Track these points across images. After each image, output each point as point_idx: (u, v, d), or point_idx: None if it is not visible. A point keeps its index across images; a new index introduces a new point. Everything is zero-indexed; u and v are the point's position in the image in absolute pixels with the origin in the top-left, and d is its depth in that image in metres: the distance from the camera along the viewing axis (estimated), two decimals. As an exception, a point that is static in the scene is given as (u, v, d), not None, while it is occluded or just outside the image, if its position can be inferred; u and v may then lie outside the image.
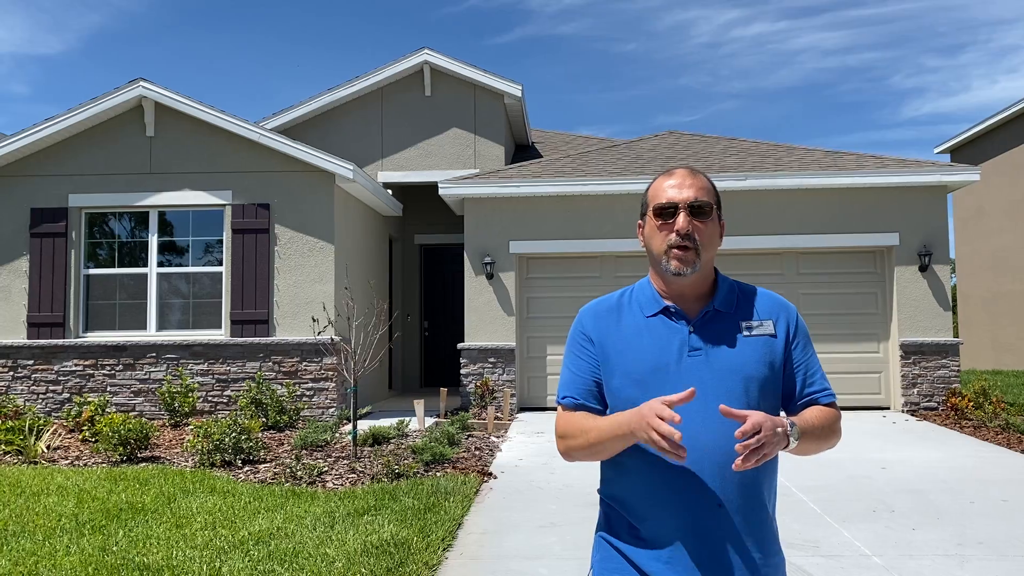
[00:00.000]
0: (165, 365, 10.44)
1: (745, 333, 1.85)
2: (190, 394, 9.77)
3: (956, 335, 18.65)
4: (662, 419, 1.60)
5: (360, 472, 6.98)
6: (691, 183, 1.85)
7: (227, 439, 7.37)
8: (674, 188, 1.84)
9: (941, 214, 11.01)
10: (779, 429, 1.64)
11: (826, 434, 1.84)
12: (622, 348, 1.86)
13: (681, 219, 1.82)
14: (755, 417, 1.61)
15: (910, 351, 10.80)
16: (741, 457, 1.59)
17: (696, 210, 1.83)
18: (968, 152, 19.00)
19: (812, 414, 1.83)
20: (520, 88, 13.16)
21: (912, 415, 10.49)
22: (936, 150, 19.99)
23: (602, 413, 1.89)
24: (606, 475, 1.91)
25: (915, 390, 10.75)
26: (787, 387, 1.88)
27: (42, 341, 10.53)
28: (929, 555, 4.70)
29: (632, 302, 1.92)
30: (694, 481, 1.74)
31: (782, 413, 1.88)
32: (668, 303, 1.87)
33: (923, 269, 10.85)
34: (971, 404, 9.91)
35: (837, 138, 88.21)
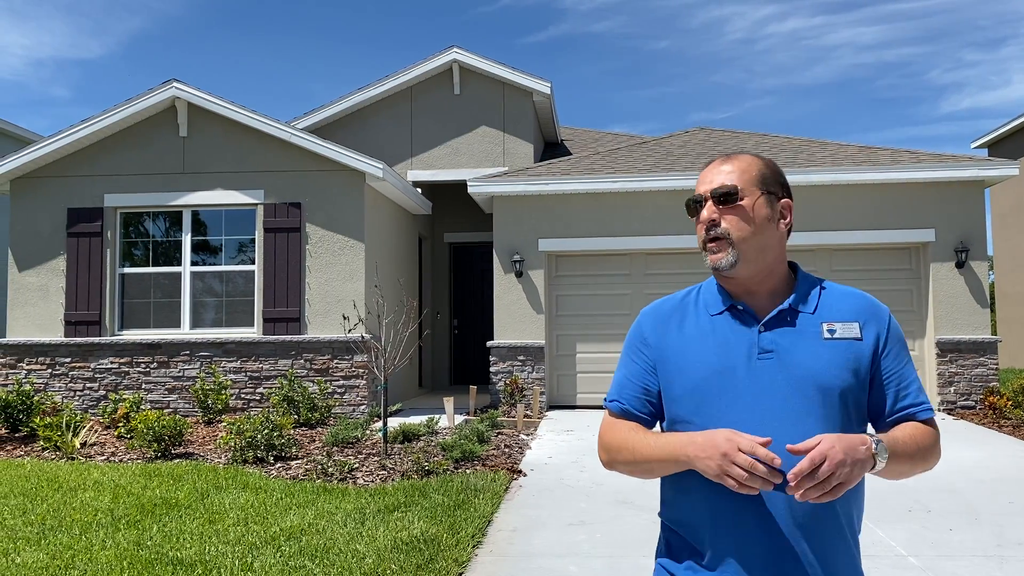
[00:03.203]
0: (198, 363, 10.57)
1: (826, 335, 1.65)
2: (223, 391, 9.87)
3: (994, 333, 18.31)
4: (743, 452, 1.47)
5: (390, 469, 7.01)
6: (720, 169, 1.71)
7: (259, 436, 7.44)
8: (702, 181, 1.72)
9: (978, 210, 10.80)
10: (861, 448, 1.48)
11: (922, 455, 1.63)
12: (684, 351, 1.71)
13: (704, 210, 1.70)
14: (820, 447, 1.45)
15: (946, 349, 10.62)
16: (799, 490, 1.45)
17: (719, 198, 1.67)
18: (1007, 146, 18.62)
19: (905, 431, 1.63)
20: (549, 85, 13.14)
21: (949, 414, 10.31)
22: (973, 144, 19.61)
23: (649, 423, 1.77)
24: (667, 497, 1.77)
25: (952, 388, 10.57)
26: (875, 401, 1.68)
27: (79, 339, 10.71)
28: (967, 556, 4.61)
29: (698, 301, 1.77)
30: (760, 502, 1.58)
31: (869, 428, 1.71)
32: (735, 301, 1.71)
33: (960, 266, 10.66)
34: (1010, 403, 9.71)
35: (873, 134, 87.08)
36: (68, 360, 10.74)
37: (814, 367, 1.62)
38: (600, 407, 11.22)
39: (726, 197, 1.67)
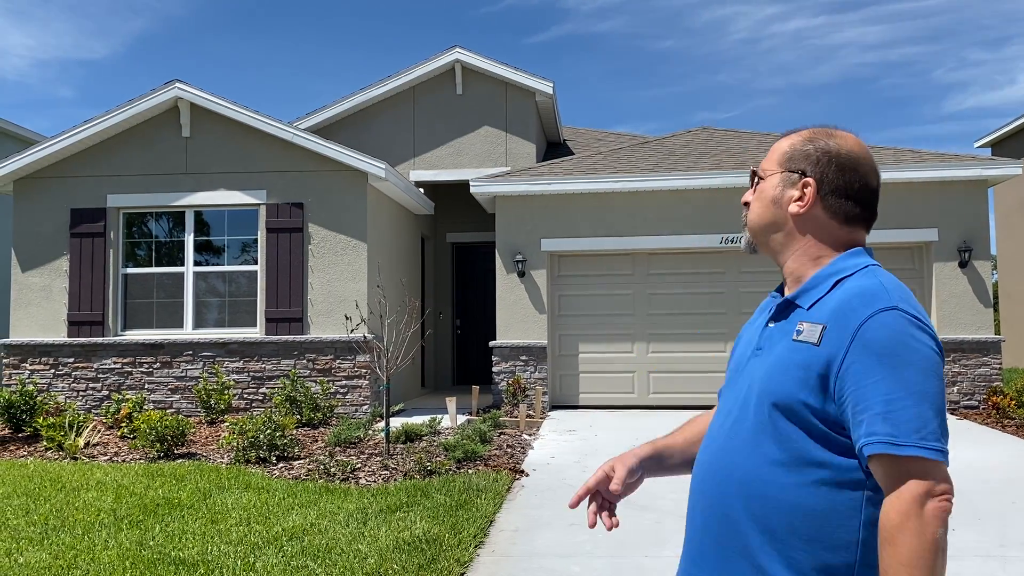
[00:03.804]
0: (201, 363, 10.58)
1: (794, 336, 1.44)
2: (226, 391, 9.88)
3: (997, 333, 18.28)
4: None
5: (393, 469, 7.01)
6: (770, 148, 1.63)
7: (262, 436, 7.44)
8: None
9: (981, 209, 10.78)
10: None
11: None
12: (737, 343, 1.69)
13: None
14: None
15: (950, 348, 10.60)
16: None
17: (750, 178, 1.64)
18: (1010, 145, 18.59)
19: None
20: (551, 85, 13.13)
21: (952, 414, 10.29)
22: (977, 144, 19.58)
23: None
24: None
25: (955, 388, 10.55)
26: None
27: (82, 339, 10.73)
28: (969, 556, 4.60)
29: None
30: (689, 505, 1.57)
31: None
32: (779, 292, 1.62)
33: (963, 265, 10.64)
34: (1013, 403, 9.69)
35: (878, 133, 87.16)
36: (71, 360, 10.75)
37: (766, 372, 1.46)
38: (602, 407, 11.23)
39: (751, 178, 1.64)
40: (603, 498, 1.71)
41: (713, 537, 1.48)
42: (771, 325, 1.53)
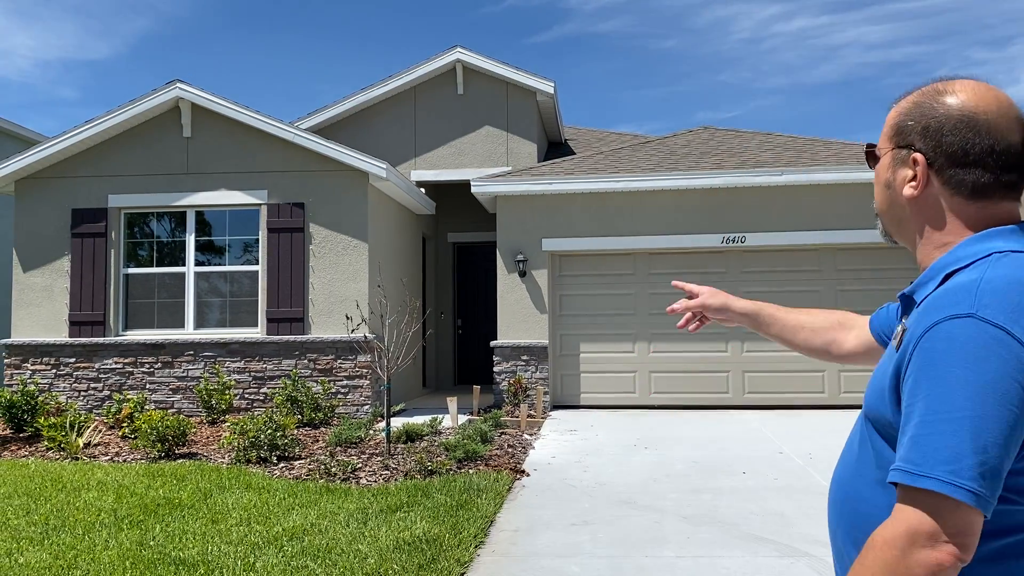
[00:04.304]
0: (203, 363, 10.58)
1: (893, 338, 1.29)
2: (227, 391, 9.88)
3: (1000, 332, 18.23)
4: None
5: (393, 469, 7.01)
6: None
7: (263, 436, 7.44)
8: None
9: (983, 208, 10.75)
10: None
11: None
12: None
13: None
14: None
15: (952, 348, 10.57)
16: None
17: (868, 160, 1.43)
18: (1012, 145, 18.55)
19: None
20: (552, 85, 13.12)
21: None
22: (978, 143, 19.53)
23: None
24: None
25: (957, 388, 10.53)
26: None
27: (83, 339, 10.73)
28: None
29: None
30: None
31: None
32: None
33: (965, 265, 10.61)
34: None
35: (880, 133, 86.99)
36: (72, 360, 10.76)
37: (872, 377, 1.32)
38: (603, 407, 11.22)
39: (866, 157, 1.44)
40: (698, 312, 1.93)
41: (834, 552, 1.38)
42: (901, 320, 1.35)
